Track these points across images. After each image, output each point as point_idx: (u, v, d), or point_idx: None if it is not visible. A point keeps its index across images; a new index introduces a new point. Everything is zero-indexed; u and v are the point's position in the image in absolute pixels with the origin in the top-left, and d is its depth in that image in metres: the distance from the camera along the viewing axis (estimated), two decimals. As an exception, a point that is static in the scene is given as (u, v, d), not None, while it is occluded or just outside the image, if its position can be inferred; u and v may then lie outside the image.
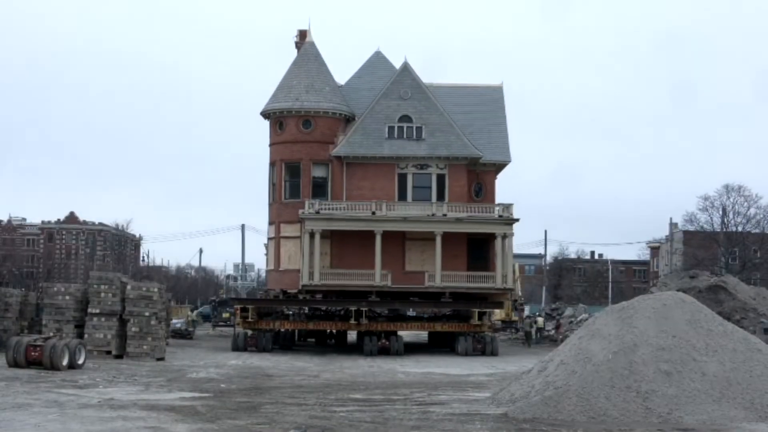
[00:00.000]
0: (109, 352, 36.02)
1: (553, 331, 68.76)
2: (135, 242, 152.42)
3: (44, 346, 29.52)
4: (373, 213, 51.05)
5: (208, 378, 29.56)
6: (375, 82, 56.91)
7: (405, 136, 54.67)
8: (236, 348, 47.80)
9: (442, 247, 50.86)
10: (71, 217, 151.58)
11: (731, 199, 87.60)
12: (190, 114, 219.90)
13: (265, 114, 55.60)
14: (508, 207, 52.62)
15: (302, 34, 57.37)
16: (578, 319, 68.13)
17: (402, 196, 53.73)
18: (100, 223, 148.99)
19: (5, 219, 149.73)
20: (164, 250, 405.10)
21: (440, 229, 51.00)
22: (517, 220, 52.60)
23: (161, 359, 36.75)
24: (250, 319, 49.15)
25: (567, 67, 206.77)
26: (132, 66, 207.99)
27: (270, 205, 55.91)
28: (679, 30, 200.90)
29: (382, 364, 39.17)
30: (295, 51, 57.09)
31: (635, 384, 19.08)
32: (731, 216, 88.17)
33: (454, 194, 54.13)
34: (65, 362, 29.51)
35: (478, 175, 56.33)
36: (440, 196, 53.77)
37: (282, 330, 51.75)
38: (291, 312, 53.62)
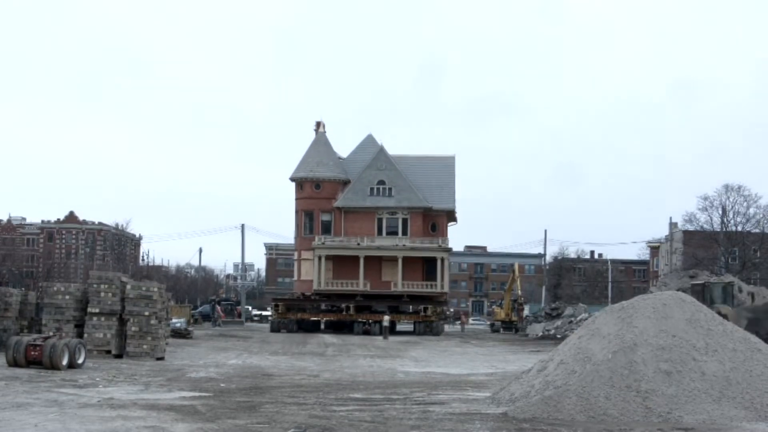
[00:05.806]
0: (108, 352, 35.95)
1: (552, 330, 68.71)
2: (135, 242, 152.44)
3: (44, 345, 29.42)
4: (359, 244, 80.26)
5: (207, 377, 29.52)
6: (366, 156, 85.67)
7: (381, 194, 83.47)
8: (273, 329, 74.64)
9: (403, 265, 79.76)
10: (71, 217, 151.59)
11: (731, 199, 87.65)
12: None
13: (292, 179, 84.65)
14: (444, 240, 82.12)
15: (318, 124, 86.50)
16: (578, 318, 68.12)
17: (379, 233, 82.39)
18: (100, 223, 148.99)
19: (5, 219, 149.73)
20: (164, 249, 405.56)
21: (402, 254, 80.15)
22: (450, 249, 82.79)
23: (161, 359, 36.72)
24: (280, 311, 77.31)
25: (567, 66, 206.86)
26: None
27: (295, 238, 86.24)
28: (679, 29, 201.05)
29: (382, 363, 39.17)
30: (314, 132, 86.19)
31: (635, 383, 19.04)
32: (731, 216, 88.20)
33: (413, 232, 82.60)
34: (65, 362, 29.42)
35: (433, 218, 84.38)
36: (404, 233, 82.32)
37: (301, 319, 76.79)
38: (307, 307, 78.95)
